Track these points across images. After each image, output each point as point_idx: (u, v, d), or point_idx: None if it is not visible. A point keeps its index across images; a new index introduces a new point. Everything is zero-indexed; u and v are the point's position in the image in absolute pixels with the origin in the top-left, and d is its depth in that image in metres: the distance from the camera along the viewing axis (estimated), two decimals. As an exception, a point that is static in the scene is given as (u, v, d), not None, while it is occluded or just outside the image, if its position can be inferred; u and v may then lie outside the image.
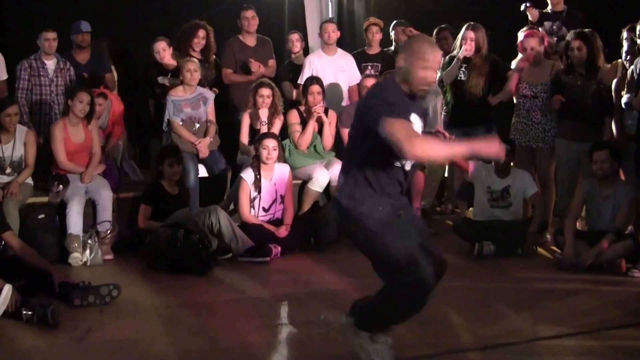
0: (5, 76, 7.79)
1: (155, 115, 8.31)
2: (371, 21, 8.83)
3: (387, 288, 4.11)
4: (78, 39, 8.24)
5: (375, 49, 8.80)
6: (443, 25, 8.55)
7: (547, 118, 7.42)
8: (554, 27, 8.21)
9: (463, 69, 7.71)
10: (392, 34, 9.22)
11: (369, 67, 8.62)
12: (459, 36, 7.75)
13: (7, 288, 5.09)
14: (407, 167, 4.21)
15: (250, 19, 8.49)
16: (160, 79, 8.14)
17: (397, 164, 4.14)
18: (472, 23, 7.70)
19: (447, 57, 7.82)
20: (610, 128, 7.16)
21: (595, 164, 6.65)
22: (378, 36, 8.77)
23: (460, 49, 7.66)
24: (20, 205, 6.77)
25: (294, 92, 8.57)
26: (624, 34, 7.30)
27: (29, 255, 5.63)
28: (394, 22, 9.22)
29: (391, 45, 9.24)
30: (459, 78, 7.72)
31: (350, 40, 10.13)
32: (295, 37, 8.93)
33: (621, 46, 7.33)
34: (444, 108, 8.21)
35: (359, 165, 4.13)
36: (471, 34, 7.60)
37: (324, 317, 5.17)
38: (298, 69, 8.56)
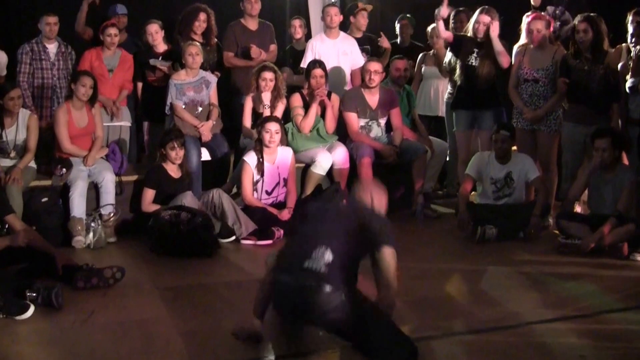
0: (3, 73, 7.82)
1: (143, 98, 8.33)
2: (360, 5, 8.84)
3: None
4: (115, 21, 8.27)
5: (359, 34, 8.81)
6: (461, 8, 8.52)
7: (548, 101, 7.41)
8: (557, 11, 8.18)
9: (475, 54, 7.67)
10: (397, 27, 9.28)
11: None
12: (472, 19, 7.73)
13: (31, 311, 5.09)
14: None
15: (253, 2, 8.46)
16: (152, 61, 8.14)
17: None
18: (486, 7, 7.67)
19: (459, 36, 7.82)
20: (617, 114, 7.16)
21: (596, 151, 6.65)
22: (364, 21, 8.78)
23: (472, 32, 7.65)
24: (24, 188, 6.78)
25: (294, 78, 8.55)
26: (630, 18, 7.27)
27: (32, 239, 5.63)
28: (400, 15, 9.40)
29: (396, 39, 9.28)
30: (469, 63, 7.68)
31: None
32: (297, 23, 8.92)
33: (626, 30, 7.29)
34: (449, 90, 8.21)
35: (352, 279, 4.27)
36: (485, 18, 7.57)
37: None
38: (299, 54, 8.55)
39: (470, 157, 7.54)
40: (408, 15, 9.33)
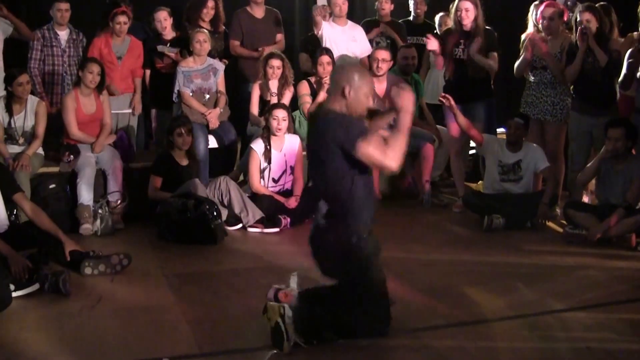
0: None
1: (151, 85, 8.33)
2: None
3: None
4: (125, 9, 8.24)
5: (387, 19, 8.78)
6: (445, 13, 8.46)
7: (556, 91, 7.37)
8: (569, 2, 8.12)
9: (462, 45, 7.60)
10: (411, 3, 9.20)
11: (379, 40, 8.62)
12: (453, 8, 7.62)
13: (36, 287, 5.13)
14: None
15: (260, -11, 8.45)
16: (160, 48, 8.15)
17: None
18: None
19: (443, 32, 7.77)
20: (622, 102, 7.16)
21: (609, 141, 6.60)
22: (388, 6, 8.76)
23: (454, 25, 7.58)
24: (32, 175, 6.80)
25: (311, 65, 8.47)
26: None
27: (40, 218, 5.63)
28: None
29: (409, 16, 9.24)
30: (457, 56, 7.61)
31: (362, 12, 10.05)
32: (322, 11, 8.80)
33: (637, 19, 7.25)
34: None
35: (348, 192, 4.28)
36: (465, 4, 7.49)
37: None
38: (319, 42, 8.47)
39: (464, 150, 7.52)
40: None
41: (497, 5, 7.58)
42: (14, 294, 4.94)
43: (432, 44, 7.51)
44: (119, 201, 6.94)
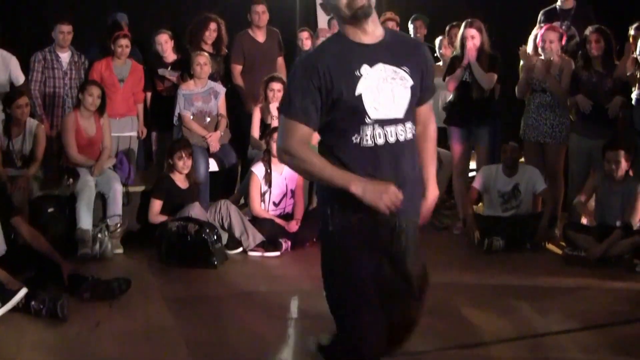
0: (22, 78, 7.67)
1: (152, 108, 8.31)
2: (388, 16, 8.80)
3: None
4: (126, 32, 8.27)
5: None
6: (454, 23, 8.46)
7: (555, 113, 7.39)
8: (563, 26, 8.14)
9: (468, 70, 7.60)
10: (410, 27, 9.20)
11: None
12: (459, 35, 7.62)
13: (23, 292, 5.09)
14: (390, 138, 3.17)
15: (261, 13, 8.43)
16: (161, 71, 8.14)
17: (365, 140, 3.16)
18: (469, 20, 7.61)
19: (450, 59, 7.78)
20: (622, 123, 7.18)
21: (607, 163, 6.67)
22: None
23: (460, 50, 7.57)
24: (30, 198, 6.77)
25: None
26: (632, 32, 7.35)
27: (38, 242, 5.62)
28: (413, 16, 9.23)
29: None
30: (464, 79, 7.61)
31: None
32: (305, 35, 8.92)
33: (627, 42, 7.35)
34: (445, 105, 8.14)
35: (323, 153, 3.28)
36: (471, 32, 7.51)
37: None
38: None
39: (466, 171, 7.51)
40: (421, 15, 9.21)
41: (498, 28, 7.59)
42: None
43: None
44: (118, 225, 6.91)
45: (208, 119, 7.78)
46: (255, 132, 7.84)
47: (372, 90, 3.11)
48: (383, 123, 3.14)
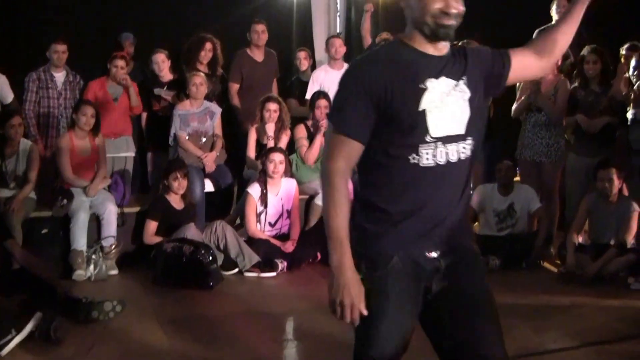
0: (11, 96, 7.65)
1: (148, 127, 8.30)
2: (384, 36, 8.81)
3: None
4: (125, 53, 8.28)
5: None
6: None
7: (550, 133, 7.45)
8: None
9: None
10: None
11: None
12: None
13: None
14: (452, 157, 2.82)
15: (261, 32, 8.45)
16: (157, 91, 8.13)
17: (425, 159, 2.80)
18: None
19: None
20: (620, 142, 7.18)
21: (600, 182, 6.72)
22: None
23: None
24: (23, 219, 6.70)
25: (300, 109, 8.51)
26: (623, 52, 7.45)
27: (31, 264, 5.56)
28: None
29: None
30: None
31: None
32: (303, 54, 8.93)
33: (619, 62, 7.44)
34: None
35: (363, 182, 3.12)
36: None
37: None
38: (305, 85, 8.53)
39: None
40: None
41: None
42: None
43: None
44: (112, 246, 6.86)
45: (204, 139, 7.74)
46: (251, 152, 7.81)
47: (436, 105, 2.76)
48: (445, 141, 2.79)
